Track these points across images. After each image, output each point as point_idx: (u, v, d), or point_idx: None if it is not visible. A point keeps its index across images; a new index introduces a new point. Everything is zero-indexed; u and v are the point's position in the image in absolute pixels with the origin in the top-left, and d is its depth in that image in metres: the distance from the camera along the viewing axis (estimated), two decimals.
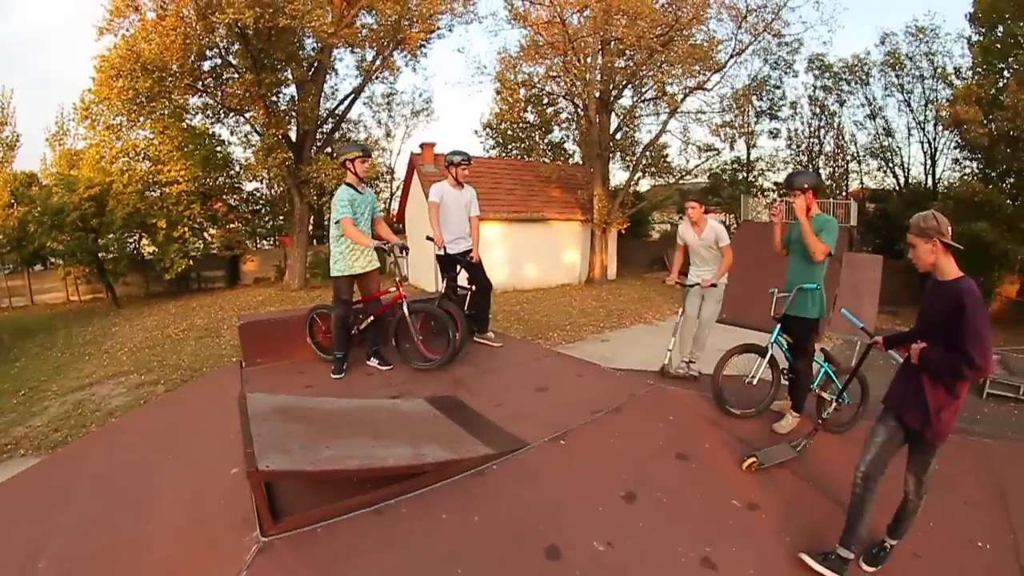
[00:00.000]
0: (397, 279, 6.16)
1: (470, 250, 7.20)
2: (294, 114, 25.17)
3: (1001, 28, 23.81)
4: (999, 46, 23.61)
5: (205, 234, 28.87)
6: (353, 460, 3.53)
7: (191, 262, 26.98)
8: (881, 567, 3.72)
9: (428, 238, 7.10)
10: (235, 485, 3.66)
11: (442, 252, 7.06)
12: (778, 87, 34.02)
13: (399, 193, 33.37)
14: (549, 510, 3.75)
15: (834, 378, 5.36)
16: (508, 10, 27.12)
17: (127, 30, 22.08)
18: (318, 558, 3.08)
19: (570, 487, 4.03)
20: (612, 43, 24.74)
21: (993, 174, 24.34)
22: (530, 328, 18.10)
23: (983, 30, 25.05)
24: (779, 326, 5.32)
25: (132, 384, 13.61)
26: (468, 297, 7.15)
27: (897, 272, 21.02)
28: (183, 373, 14.04)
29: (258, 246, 34.20)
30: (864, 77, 33.59)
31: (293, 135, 25.81)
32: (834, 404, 4.93)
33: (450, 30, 27.99)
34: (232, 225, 30.43)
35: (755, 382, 5.28)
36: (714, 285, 6.19)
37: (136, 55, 21.03)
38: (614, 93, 27.55)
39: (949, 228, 3.45)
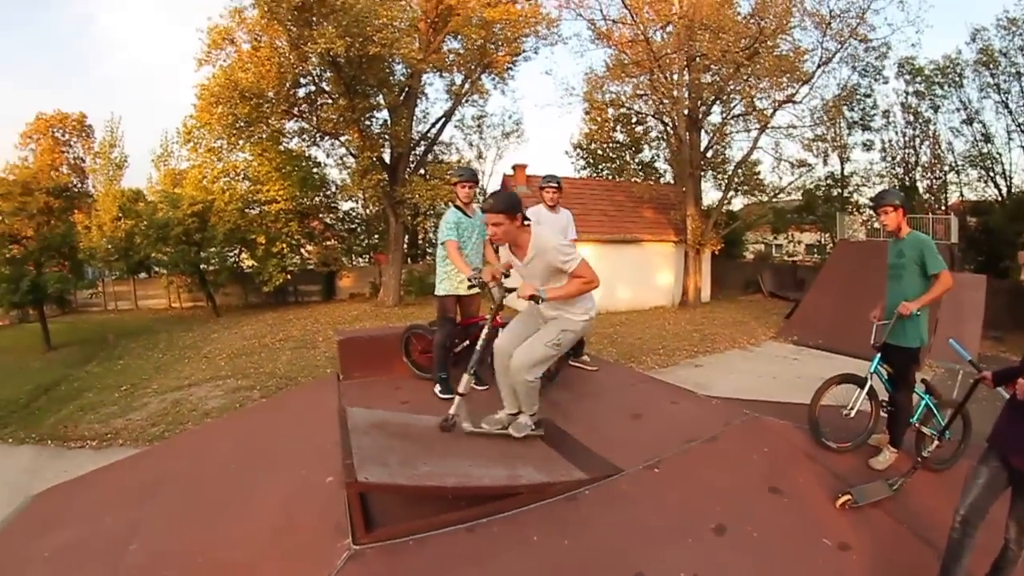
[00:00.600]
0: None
1: None
2: (387, 137, 25.85)
3: None
4: None
5: (302, 250, 30.56)
6: (450, 478, 3.62)
7: (289, 276, 28.46)
8: None
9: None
10: (330, 493, 3.79)
11: None
12: (868, 95, 32.62)
13: None
14: (638, 538, 3.71)
15: (935, 412, 5.06)
16: (591, 30, 27.02)
17: (224, 61, 23.60)
18: (406, 570, 3.17)
19: (661, 516, 3.96)
20: (697, 59, 24.42)
21: None
22: (623, 351, 17.89)
23: None
24: (878, 355, 5.12)
25: (229, 388, 14.15)
26: None
27: (1002, 293, 20.11)
28: (278, 381, 14.45)
29: (353, 263, 35.23)
30: (957, 79, 31.85)
31: (387, 157, 26.49)
32: (935, 440, 4.70)
33: (536, 52, 28.12)
34: (329, 242, 31.83)
35: (853, 414, 5.11)
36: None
37: (234, 84, 22.29)
38: (703, 110, 27.04)
39: None
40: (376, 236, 33.02)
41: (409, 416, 4.93)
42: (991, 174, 32.21)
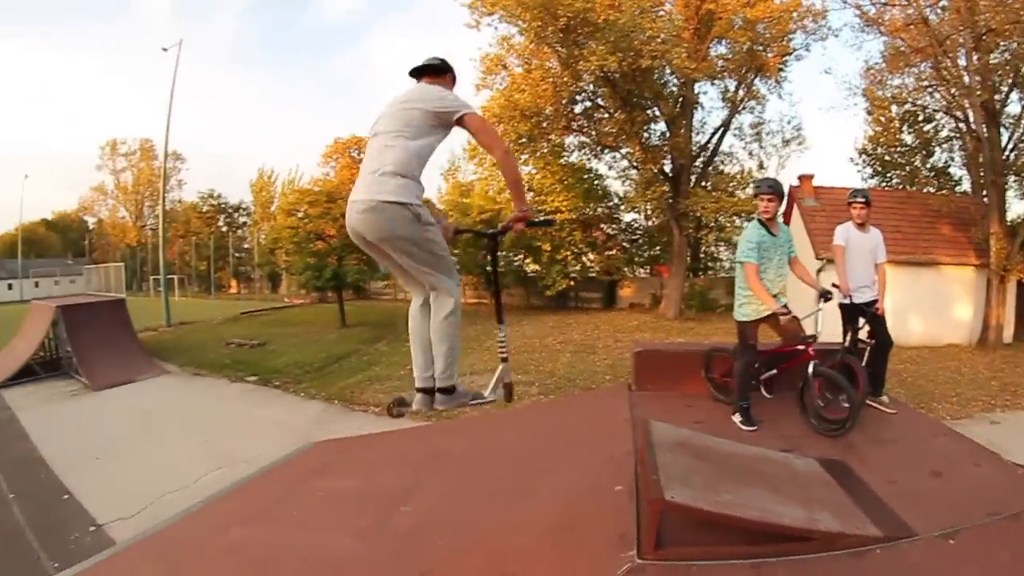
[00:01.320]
0: (804, 336, 5.87)
1: (875, 300, 6.82)
2: (667, 149, 26.14)
3: None
4: None
5: (584, 258, 31.69)
6: (751, 510, 3.48)
7: (571, 282, 29.91)
8: None
9: (833, 285, 6.75)
10: (618, 502, 3.72)
11: (848, 301, 6.77)
12: None
13: None
14: None
15: None
16: (859, 17, 23.76)
17: (500, 84, 25.56)
18: None
19: None
20: (985, 36, 19.94)
21: None
22: (913, 394, 15.85)
23: None
24: None
25: None
26: (867, 353, 6.72)
27: None
28: (557, 381, 15.07)
29: (635, 273, 35.87)
30: None
31: (668, 169, 26.73)
32: None
33: (807, 49, 26.48)
34: (611, 252, 33.02)
35: None
36: None
37: (513, 104, 23.86)
38: (998, 99, 21.85)
39: None
40: (658, 248, 33.51)
41: (710, 438, 4.83)
42: None
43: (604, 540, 3.41)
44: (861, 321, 6.81)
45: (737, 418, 5.90)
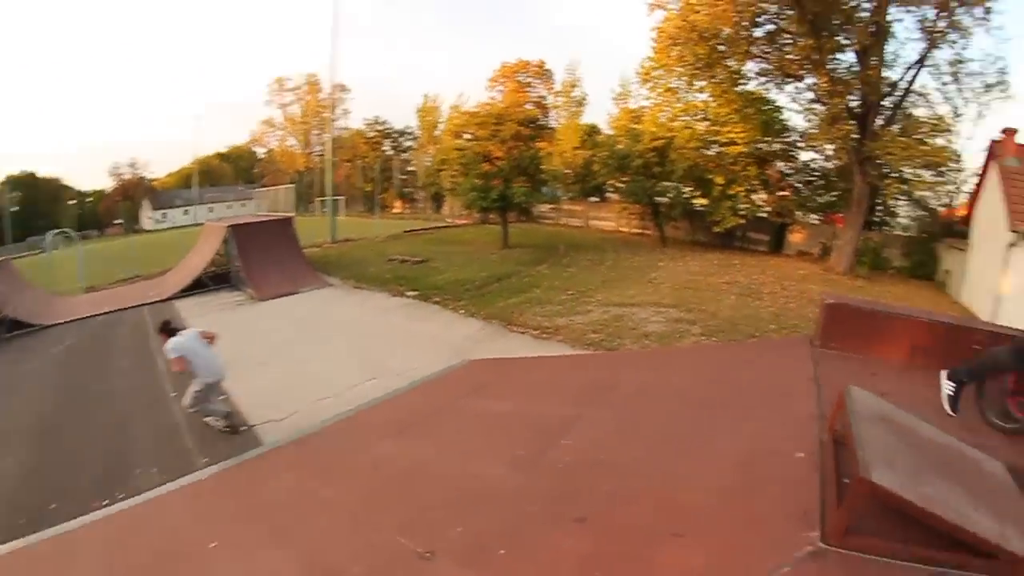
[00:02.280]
0: None
1: None
2: (856, 83, 23.80)
3: None
4: None
5: (755, 196, 30.07)
6: (950, 511, 3.10)
7: (742, 220, 28.50)
8: None
9: None
10: (799, 472, 3.45)
11: None
12: None
13: (966, 187, 29.12)
14: None
15: None
16: None
17: (675, 3, 24.26)
18: None
19: None
20: None
21: None
22: None
23: None
24: None
25: (670, 317, 14.64)
26: None
27: None
28: (720, 323, 14.45)
29: (806, 218, 33.43)
30: None
31: (855, 106, 24.36)
32: None
33: None
34: (783, 193, 30.82)
35: None
36: None
37: (690, 25, 22.34)
38: None
39: None
40: (835, 194, 30.82)
41: (911, 417, 4.24)
42: None
43: (783, 514, 3.15)
44: None
45: (949, 388, 4.98)
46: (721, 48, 23.45)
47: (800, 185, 31.97)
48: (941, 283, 25.55)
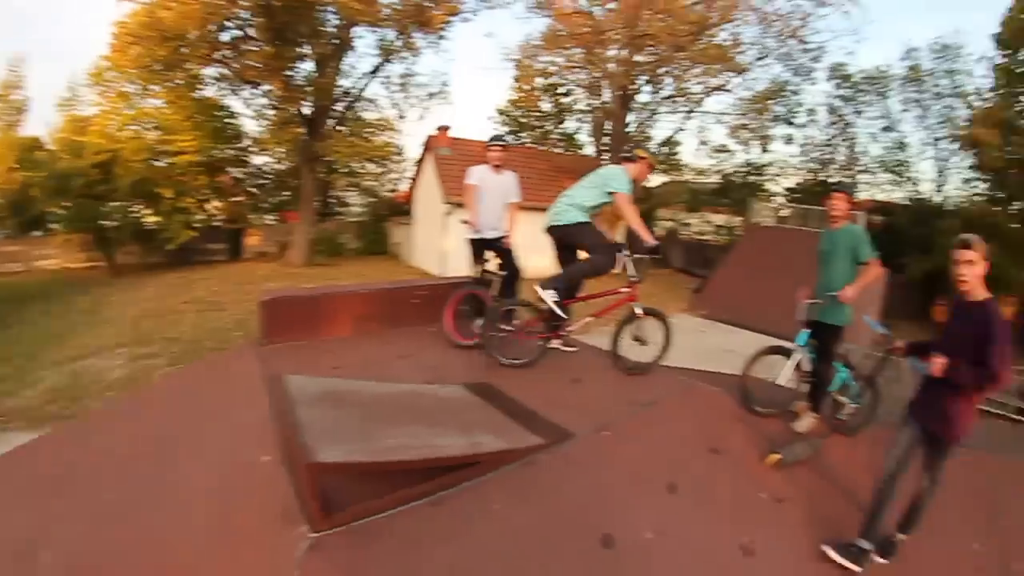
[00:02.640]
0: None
1: (503, 236, 6.99)
2: (311, 89, 24.89)
3: None
4: (1022, 71, 23.60)
5: (209, 206, 28.62)
6: (414, 450, 3.35)
7: (196, 233, 26.71)
8: (892, 560, 4.03)
9: (464, 221, 6.88)
10: (268, 475, 3.37)
11: (477, 236, 6.84)
12: (796, 93, 33.78)
13: (407, 174, 33.55)
14: (599, 501, 3.77)
15: (850, 383, 5.69)
16: None
17: None
18: (376, 554, 2.90)
19: (617, 478, 4.05)
20: (639, 38, 24.54)
21: (1002, 196, 24.69)
22: None
23: (1008, 53, 24.56)
24: (807, 331, 5.46)
25: (132, 356, 13.20)
26: (499, 285, 6.90)
27: (898, 287, 22.13)
28: (184, 347, 13.64)
29: (262, 220, 33.62)
30: (883, 90, 34.10)
31: (308, 110, 25.53)
32: (850, 407, 5.48)
33: (475, 14, 27.87)
34: (237, 198, 30.06)
35: (781, 383, 5.49)
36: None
37: (155, 22, 20.71)
38: (633, 88, 27.42)
39: None
40: (287, 193, 31.73)
41: (354, 382, 4.62)
42: (901, 179, 34.89)
43: (268, 522, 3.09)
44: (488, 255, 7.01)
45: (552, 297, 5.76)
46: (184, 51, 22.01)
47: (254, 189, 31.89)
48: (394, 255, 30.41)
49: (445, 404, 4.45)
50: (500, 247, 6.96)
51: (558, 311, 5.75)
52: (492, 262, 7.03)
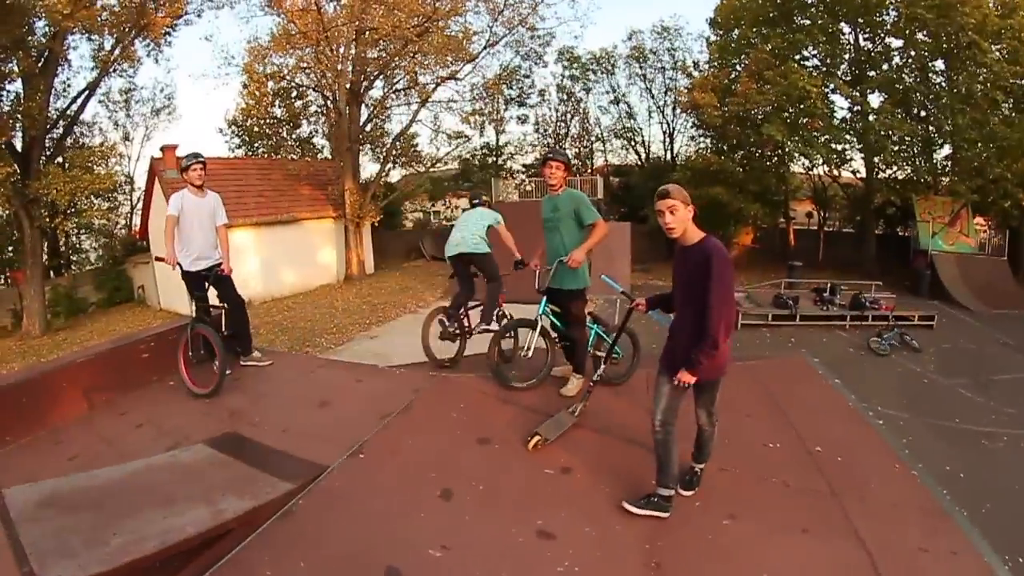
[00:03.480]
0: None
1: (218, 264, 6.46)
2: (19, 116, 21.02)
3: (736, 31, 28.67)
4: (734, 45, 28.15)
5: None
6: (150, 541, 3.03)
7: None
8: (697, 489, 4.10)
9: (158, 258, 6.62)
10: None
11: (190, 270, 6.28)
12: (528, 76, 35.50)
13: (140, 206, 29.07)
14: (372, 531, 3.61)
15: (604, 337, 5.74)
16: None
17: None
18: None
19: (385, 501, 3.92)
20: (367, 33, 24.31)
21: (725, 147, 28.42)
22: (295, 337, 17.42)
23: (720, 33, 30.18)
24: (545, 298, 5.57)
25: None
26: (223, 316, 6.55)
27: (643, 236, 25.22)
28: None
29: None
30: (610, 68, 36.86)
31: (18, 143, 21.64)
32: (608, 361, 5.34)
33: (199, 15, 25.72)
34: None
35: (531, 353, 5.59)
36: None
37: None
38: (365, 84, 27.19)
39: None
40: (10, 248, 26.87)
41: (80, 477, 4.10)
42: (633, 144, 38.46)
43: None
44: (207, 286, 6.50)
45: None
46: None
47: None
48: (141, 299, 26.89)
49: (185, 472, 4.12)
50: (216, 276, 6.43)
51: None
52: (211, 294, 6.57)
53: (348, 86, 25.95)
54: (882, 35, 25.55)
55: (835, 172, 29.17)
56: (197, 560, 3.11)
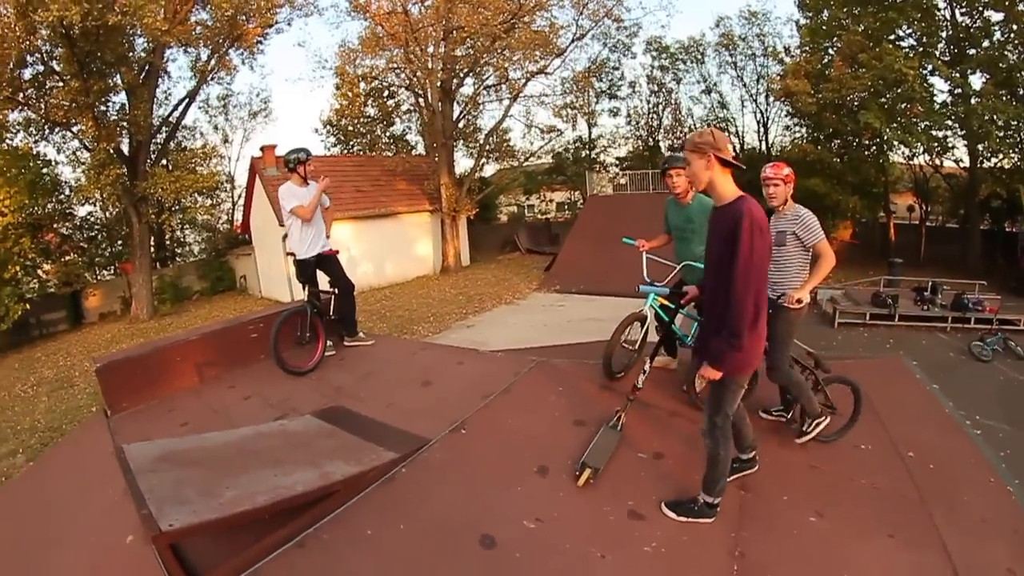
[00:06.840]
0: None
1: (327, 248, 6.80)
2: (125, 124, 22.93)
3: (826, 12, 26.60)
4: (825, 28, 26.34)
5: (39, 271, 25.22)
6: (260, 496, 3.17)
7: (28, 305, 22.87)
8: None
9: (289, 253, 6.80)
10: (135, 554, 3.15)
11: (306, 257, 6.61)
12: (617, 68, 35.46)
13: (241, 202, 31.28)
14: (470, 501, 3.73)
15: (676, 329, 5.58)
16: (349, 1, 25.85)
17: None
18: None
19: (484, 474, 4.03)
20: (455, 32, 24.59)
21: (821, 136, 27.12)
22: (394, 325, 17.91)
23: (810, 15, 28.29)
24: (654, 292, 5.25)
25: None
26: (332, 301, 6.84)
27: None
28: (42, 436, 12.23)
29: (98, 277, 30.00)
30: (700, 56, 36.02)
31: (126, 148, 23.55)
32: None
33: (289, 24, 26.74)
34: (68, 257, 26.84)
35: (636, 346, 5.54)
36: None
37: None
38: (456, 81, 27.52)
39: (729, 145, 3.25)
40: (120, 242, 28.85)
41: (193, 438, 4.41)
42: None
43: None
44: (316, 273, 6.79)
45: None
46: None
47: (84, 244, 28.69)
48: (243, 288, 28.69)
49: (294, 439, 4.33)
50: (322, 256, 6.76)
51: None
52: (322, 280, 6.89)
53: (439, 84, 26.33)
54: (980, 8, 23.11)
55: (937, 161, 26.70)
56: (302, 517, 3.26)
